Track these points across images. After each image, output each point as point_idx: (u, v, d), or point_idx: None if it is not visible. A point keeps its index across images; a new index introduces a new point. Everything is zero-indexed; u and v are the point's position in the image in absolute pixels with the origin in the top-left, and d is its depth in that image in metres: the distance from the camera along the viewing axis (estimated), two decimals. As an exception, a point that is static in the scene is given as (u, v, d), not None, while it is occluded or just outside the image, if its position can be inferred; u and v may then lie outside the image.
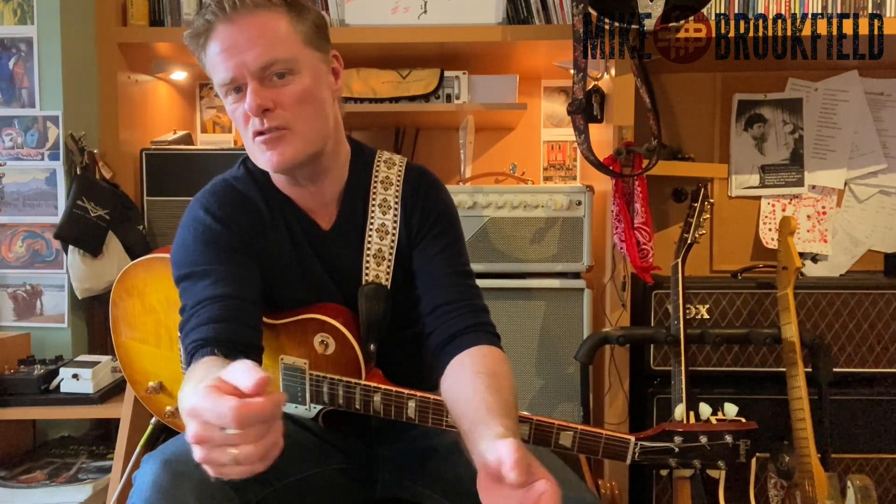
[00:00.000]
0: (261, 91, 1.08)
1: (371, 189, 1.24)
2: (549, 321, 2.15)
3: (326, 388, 1.17)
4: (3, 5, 2.14)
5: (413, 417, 1.14)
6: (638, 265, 2.03)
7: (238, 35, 1.08)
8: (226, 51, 1.09)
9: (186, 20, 2.33)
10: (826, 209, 2.44)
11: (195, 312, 1.09)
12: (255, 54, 1.07)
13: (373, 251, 1.21)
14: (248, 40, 1.07)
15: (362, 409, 1.15)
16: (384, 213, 1.22)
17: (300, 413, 1.20)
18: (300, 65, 1.11)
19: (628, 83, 2.09)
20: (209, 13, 1.10)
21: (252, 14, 1.08)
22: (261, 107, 1.08)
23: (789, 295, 1.88)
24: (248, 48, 1.07)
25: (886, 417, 2.07)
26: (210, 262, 1.13)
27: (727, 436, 1.14)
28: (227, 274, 1.13)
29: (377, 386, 1.15)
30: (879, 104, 2.42)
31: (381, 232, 1.22)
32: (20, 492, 1.87)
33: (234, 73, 1.09)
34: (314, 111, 1.14)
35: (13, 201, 2.17)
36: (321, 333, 1.18)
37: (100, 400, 1.93)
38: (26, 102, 2.16)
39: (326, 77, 1.18)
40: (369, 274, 1.21)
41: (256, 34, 1.08)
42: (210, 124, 2.83)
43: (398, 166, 1.27)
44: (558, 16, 2.25)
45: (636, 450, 1.13)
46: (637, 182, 2.05)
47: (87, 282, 2.13)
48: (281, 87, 1.10)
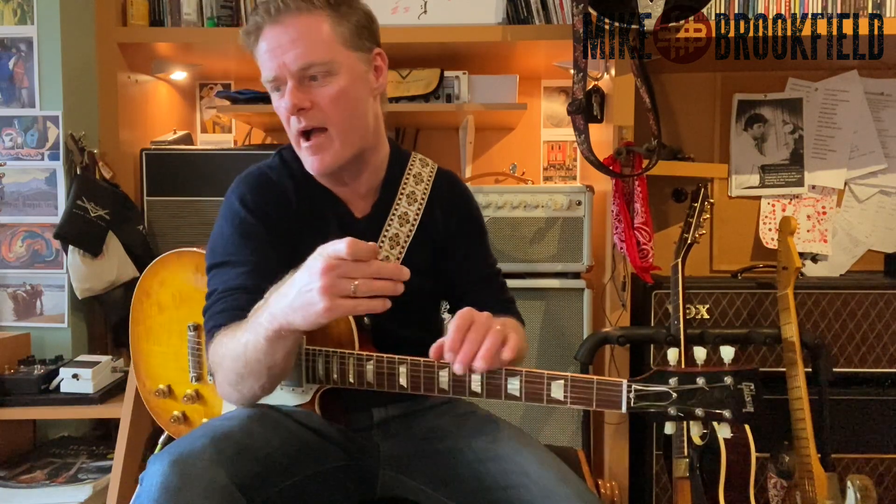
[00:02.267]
0: (297, 91, 1.16)
1: (402, 181, 1.30)
2: (549, 321, 2.15)
3: (322, 363, 1.15)
4: (3, 5, 2.14)
5: (405, 386, 1.11)
6: (638, 265, 2.03)
7: (282, 36, 1.15)
8: (270, 51, 1.16)
9: (186, 20, 2.33)
10: (826, 209, 2.44)
11: (223, 297, 1.16)
12: (295, 55, 1.14)
13: (389, 234, 1.26)
14: (290, 42, 1.14)
15: (356, 381, 1.14)
16: (409, 204, 1.29)
17: (297, 398, 1.19)
18: (337, 66, 1.17)
19: (628, 83, 2.09)
20: (259, 14, 1.17)
21: (295, 16, 1.14)
22: (296, 106, 1.16)
23: (789, 295, 1.88)
24: (290, 49, 1.14)
25: (886, 417, 2.07)
26: (244, 253, 1.20)
27: (726, 377, 1.04)
28: (258, 267, 1.18)
29: (369, 354, 1.14)
30: (879, 104, 2.42)
31: (402, 219, 1.28)
32: (20, 492, 1.87)
33: (276, 72, 1.16)
34: (350, 110, 1.20)
35: (13, 201, 2.17)
36: None
37: (100, 400, 1.93)
38: (26, 102, 2.16)
39: (366, 76, 1.23)
40: (380, 254, 1.24)
41: (297, 36, 1.14)
42: (210, 124, 2.83)
43: (430, 167, 1.36)
44: (558, 16, 2.25)
45: (630, 395, 1.05)
46: (637, 182, 2.05)
47: (87, 282, 2.13)
48: (318, 87, 1.16)
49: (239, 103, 2.44)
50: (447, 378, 1.09)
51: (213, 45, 2.38)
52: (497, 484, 1.15)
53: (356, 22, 1.20)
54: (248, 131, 2.72)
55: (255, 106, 2.42)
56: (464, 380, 1.08)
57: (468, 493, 1.18)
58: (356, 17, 1.20)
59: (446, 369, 1.09)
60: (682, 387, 1.04)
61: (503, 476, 1.15)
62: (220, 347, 1.12)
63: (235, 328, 1.09)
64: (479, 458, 1.19)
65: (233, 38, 2.31)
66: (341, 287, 0.95)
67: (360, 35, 1.20)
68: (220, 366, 1.12)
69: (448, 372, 1.09)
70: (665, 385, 1.06)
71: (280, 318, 1.00)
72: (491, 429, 1.24)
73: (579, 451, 1.59)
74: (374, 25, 1.25)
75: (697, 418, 1.04)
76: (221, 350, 1.11)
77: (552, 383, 1.08)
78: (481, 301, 1.25)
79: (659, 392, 1.06)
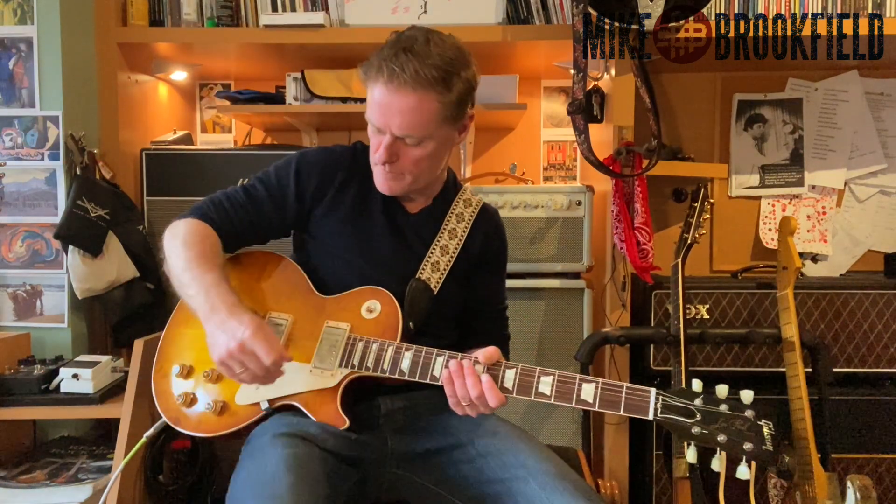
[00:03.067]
0: (391, 147, 1.30)
1: (446, 218, 1.46)
2: (549, 321, 2.15)
3: (360, 348, 1.27)
4: (3, 5, 2.14)
5: (437, 376, 1.22)
6: (638, 265, 2.03)
7: (392, 103, 1.27)
8: (380, 106, 1.28)
9: (186, 20, 2.33)
10: (826, 209, 2.44)
11: (217, 205, 1.38)
12: (399, 124, 1.27)
13: (431, 261, 1.41)
14: (399, 112, 1.27)
15: (389, 369, 1.24)
16: (450, 238, 1.44)
17: (322, 382, 1.27)
18: (431, 138, 1.31)
19: (628, 83, 2.09)
20: (382, 69, 1.26)
21: (409, 92, 1.25)
22: (386, 161, 1.32)
23: (789, 295, 1.88)
24: (397, 116, 1.27)
25: (886, 417, 2.07)
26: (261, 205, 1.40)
27: (748, 410, 1.08)
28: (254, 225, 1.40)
29: (410, 345, 1.26)
30: (879, 104, 2.42)
31: (443, 250, 1.43)
32: (20, 492, 1.86)
33: (380, 124, 1.30)
34: (429, 168, 1.37)
35: (13, 201, 2.17)
36: (370, 300, 1.34)
37: (100, 400, 1.93)
38: (26, 102, 2.16)
39: (454, 139, 1.38)
40: (423, 273, 1.39)
41: (407, 109, 1.26)
42: (210, 124, 2.83)
43: (474, 207, 1.50)
44: (558, 16, 2.25)
45: (658, 404, 1.10)
46: (637, 182, 2.05)
47: (87, 282, 2.13)
48: (410, 147, 1.31)
49: (239, 103, 2.44)
50: (482, 370, 1.19)
51: (213, 45, 2.38)
52: (496, 476, 1.21)
53: (460, 94, 1.30)
54: (248, 131, 2.72)
55: (255, 106, 2.42)
56: (497, 375, 1.19)
57: (469, 487, 1.24)
58: (463, 87, 1.30)
59: (482, 364, 1.20)
60: (707, 407, 1.09)
61: (502, 469, 1.21)
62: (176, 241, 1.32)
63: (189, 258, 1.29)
64: (479, 452, 1.25)
65: (233, 38, 2.34)
66: (232, 368, 1.19)
67: (460, 107, 1.32)
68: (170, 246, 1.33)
69: (483, 366, 1.20)
70: (691, 402, 1.10)
71: (199, 312, 1.23)
72: (492, 424, 1.30)
73: (579, 451, 1.59)
74: (474, 88, 1.36)
75: (719, 444, 1.08)
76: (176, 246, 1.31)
77: (583, 385, 1.15)
78: (485, 331, 1.48)
79: (684, 407, 1.10)
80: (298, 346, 1.31)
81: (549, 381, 1.16)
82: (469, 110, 1.37)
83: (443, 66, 1.26)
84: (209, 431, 1.30)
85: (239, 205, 1.40)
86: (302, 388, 1.27)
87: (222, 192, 1.42)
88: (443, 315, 1.42)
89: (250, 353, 1.17)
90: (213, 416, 1.29)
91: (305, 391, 1.27)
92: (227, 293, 1.25)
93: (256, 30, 2.31)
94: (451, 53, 1.29)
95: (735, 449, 1.07)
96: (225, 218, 1.38)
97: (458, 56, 1.30)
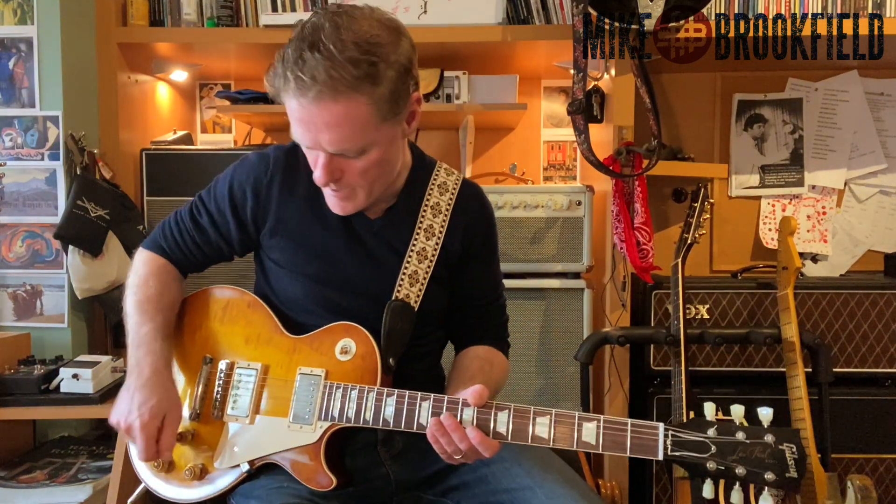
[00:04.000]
0: (330, 164, 1.11)
1: (427, 191, 1.27)
2: (549, 321, 2.15)
3: (338, 397, 1.15)
4: (3, 5, 2.14)
5: (424, 424, 1.10)
6: (638, 265, 2.03)
7: (313, 118, 1.06)
8: (303, 123, 1.08)
9: (186, 20, 2.33)
10: (826, 209, 2.44)
11: (168, 236, 1.32)
12: (329, 140, 1.07)
13: (417, 248, 1.25)
14: (325, 125, 1.06)
15: (372, 419, 1.13)
16: (434, 216, 1.26)
17: (302, 439, 1.17)
18: (373, 144, 1.11)
19: (628, 83, 2.09)
20: (290, 81, 1.04)
21: (328, 103, 1.04)
22: (328, 181, 1.12)
23: (789, 295, 1.88)
24: (324, 131, 1.07)
25: (886, 417, 2.07)
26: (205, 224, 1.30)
27: (767, 435, 0.98)
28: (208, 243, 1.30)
29: (392, 390, 1.14)
30: (879, 104, 2.42)
31: (428, 232, 1.26)
32: (20, 492, 1.86)
33: (308, 143, 1.11)
34: (382, 173, 1.17)
35: (13, 201, 2.17)
36: (344, 340, 1.20)
37: (100, 400, 1.93)
38: (26, 102, 2.16)
39: (401, 132, 1.18)
40: (401, 291, 1.23)
41: (332, 123, 1.05)
42: (210, 124, 2.83)
43: (456, 176, 1.32)
44: (558, 16, 2.25)
45: (668, 441, 1.00)
46: (637, 182, 2.05)
47: (87, 282, 2.13)
48: (351, 161, 1.11)
49: (239, 103, 2.44)
50: (471, 416, 1.08)
51: (213, 45, 2.38)
52: (502, 487, 1.16)
53: (393, 83, 1.08)
54: (248, 131, 2.71)
55: (255, 106, 2.41)
56: (488, 420, 1.08)
57: (475, 497, 1.19)
58: (395, 73, 1.07)
59: (471, 408, 1.08)
60: (722, 438, 0.99)
61: (508, 479, 1.16)
62: (129, 279, 1.29)
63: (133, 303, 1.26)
64: (483, 462, 1.18)
65: (233, 38, 2.34)
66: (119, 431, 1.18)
67: (398, 98, 1.10)
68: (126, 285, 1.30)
69: (473, 411, 1.08)
70: (704, 435, 1.00)
71: (129, 360, 1.23)
72: None
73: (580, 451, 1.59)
74: (413, 65, 1.13)
75: (737, 477, 0.98)
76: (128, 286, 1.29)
77: (584, 425, 1.05)
78: (478, 328, 1.35)
79: (697, 442, 1.00)
80: (272, 397, 1.21)
81: (545, 423, 1.06)
82: (412, 93, 1.14)
83: (361, 57, 1.03)
84: (190, 498, 1.21)
85: (188, 234, 1.30)
86: (281, 446, 1.17)
87: (173, 219, 1.33)
88: (427, 323, 1.28)
89: (131, 439, 1.16)
90: (193, 480, 1.21)
91: (285, 449, 1.17)
92: (156, 351, 1.20)
93: (256, 30, 2.31)
94: (368, 35, 1.05)
95: (756, 481, 0.98)
96: (177, 249, 1.31)
97: (379, 35, 1.06)
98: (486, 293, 1.37)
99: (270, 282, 1.29)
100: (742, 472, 0.98)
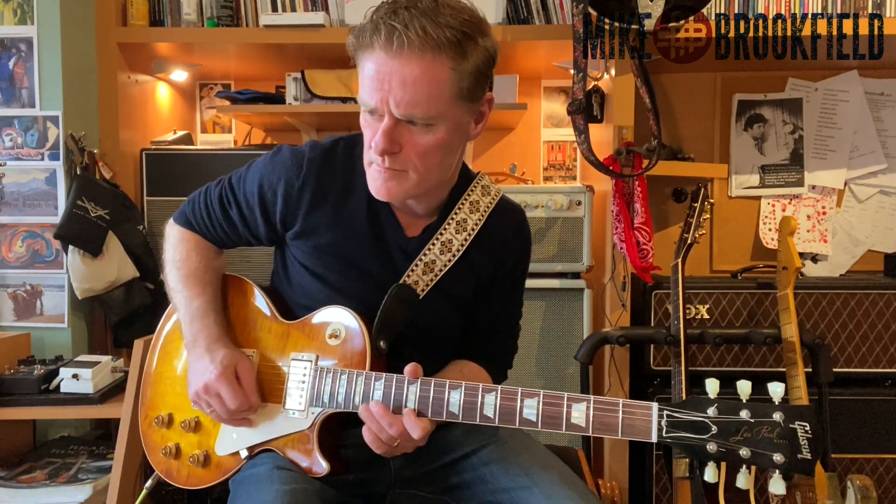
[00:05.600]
0: (391, 133, 1.06)
1: (456, 207, 1.23)
2: (549, 321, 2.15)
3: (328, 382, 1.14)
4: (3, 5, 2.14)
5: (414, 408, 1.08)
6: (638, 265, 2.03)
7: (393, 72, 1.03)
8: (377, 76, 1.04)
9: (186, 20, 2.33)
10: (826, 209, 2.44)
11: (199, 217, 1.30)
12: (400, 100, 1.03)
13: (426, 259, 1.21)
14: (401, 84, 1.03)
15: (361, 404, 1.11)
16: (457, 232, 1.22)
17: (295, 426, 1.17)
18: (442, 120, 1.07)
19: (628, 83, 2.09)
20: (378, 33, 1.03)
21: (417, 57, 1.02)
22: (386, 150, 1.07)
23: (789, 295, 1.88)
24: (399, 91, 1.03)
25: (886, 417, 2.07)
26: (235, 216, 1.27)
27: (776, 413, 0.87)
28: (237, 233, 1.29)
29: (380, 374, 1.11)
30: (879, 104, 2.42)
31: (444, 247, 1.21)
32: (20, 492, 1.86)
33: (376, 105, 1.06)
34: (438, 162, 1.12)
35: (13, 201, 2.17)
36: (334, 323, 1.18)
37: (100, 400, 1.93)
38: (26, 102, 2.16)
39: (467, 126, 1.14)
40: (411, 276, 1.21)
41: (412, 80, 1.02)
42: (210, 124, 2.83)
43: (492, 196, 1.27)
44: (558, 16, 2.25)
45: (662, 421, 0.91)
46: (637, 182, 2.05)
47: (87, 282, 2.13)
48: (415, 132, 1.07)
49: (239, 103, 2.44)
50: (458, 400, 1.06)
51: (213, 45, 2.38)
52: (500, 485, 1.16)
53: (478, 64, 1.08)
54: (248, 131, 2.71)
55: (255, 106, 2.42)
56: (475, 403, 1.06)
57: (474, 496, 1.19)
58: (481, 57, 1.08)
59: (459, 390, 1.06)
60: (724, 417, 0.90)
61: (507, 477, 1.16)
62: (167, 255, 1.32)
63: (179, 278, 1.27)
64: (482, 461, 1.20)
65: (233, 38, 2.34)
66: (201, 406, 1.20)
67: (478, 83, 1.09)
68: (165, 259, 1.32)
69: (459, 394, 1.06)
70: (703, 414, 0.91)
71: (184, 338, 1.24)
72: (493, 430, 1.23)
73: (579, 451, 1.59)
74: (494, 63, 1.13)
75: (742, 460, 0.89)
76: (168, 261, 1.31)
77: (573, 406, 0.99)
78: (479, 350, 1.31)
79: (696, 422, 0.91)
80: (268, 384, 1.21)
81: (533, 404, 1.02)
82: (488, 93, 1.15)
83: (458, 26, 1.03)
84: (198, 484, 1.24)
85: (217, 222, 1.29)
86: (277, 433, 1.18)
87: (203, 200, 1.30)
88: (429, 327, 1.24)
89: (215, 395, 1.15)
90: (199, 468, 1.23)
91: (280, 436, 1.18)
92: (210, 325, 1.22)
93: (256, 30, 2.31)
94: (466, 15, 1.06)
95: (762, 463, 0.88)
96: (208, 231, 1.31)
97: (474, 19, 1.08)
98: (496, 322, 1.33)
99: (289, 274, 1.29)
100: (747, 453, 0.89)
